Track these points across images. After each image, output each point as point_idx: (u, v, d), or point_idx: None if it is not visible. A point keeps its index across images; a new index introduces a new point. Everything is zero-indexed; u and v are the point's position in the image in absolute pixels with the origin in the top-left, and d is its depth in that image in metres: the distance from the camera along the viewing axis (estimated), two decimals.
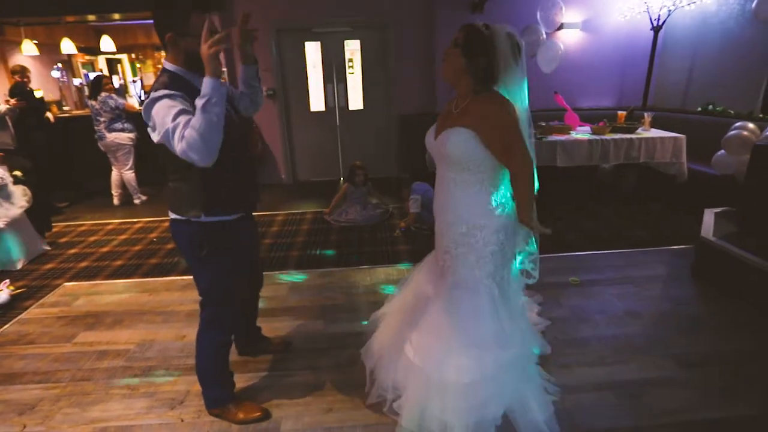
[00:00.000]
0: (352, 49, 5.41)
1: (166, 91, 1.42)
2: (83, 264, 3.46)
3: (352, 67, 5.46)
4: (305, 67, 5.39)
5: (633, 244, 3.47)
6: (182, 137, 1.36)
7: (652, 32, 5.03)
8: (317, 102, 5.57)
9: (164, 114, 1.40)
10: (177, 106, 1.41)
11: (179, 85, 1.48)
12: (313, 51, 5.36)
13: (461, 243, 1.65)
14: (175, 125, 1.37)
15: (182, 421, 1.88)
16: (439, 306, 1.71)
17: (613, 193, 4.85)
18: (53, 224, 4.20)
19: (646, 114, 4.66)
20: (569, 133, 4.46)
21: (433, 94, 5.41)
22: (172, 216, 1.65)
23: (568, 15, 5.35)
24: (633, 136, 4.35)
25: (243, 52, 1.71)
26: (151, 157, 1.77)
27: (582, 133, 4.52)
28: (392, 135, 5.62)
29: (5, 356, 2.36)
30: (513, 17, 5.00)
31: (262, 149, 5.53)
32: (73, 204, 4.99)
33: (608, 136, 4.33)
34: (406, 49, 5.36)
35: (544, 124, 4.56)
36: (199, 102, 1.36)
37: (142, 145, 4.70)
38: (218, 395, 1.87)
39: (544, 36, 4.60)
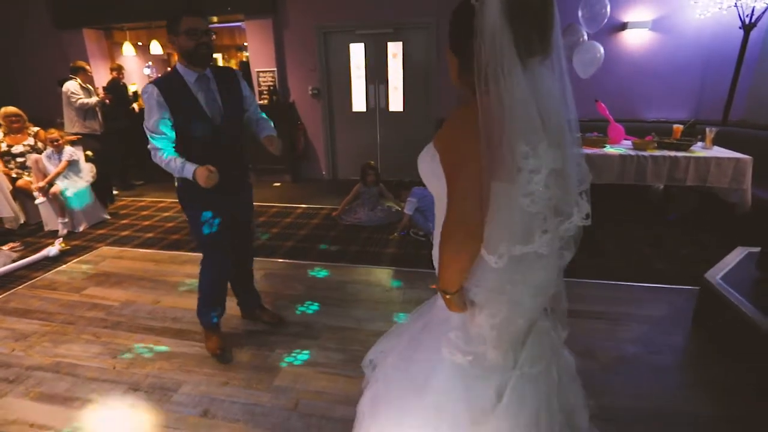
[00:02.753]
0: (395, 51, 5.51)
1: (149, 85, 1.92)
2: (124, 233, 4.14)
3: (394, 68, 5.56)
4: (349, 68, 5.64)
5: (644, 278, 3.04)
6: (151, 147, 1.96)
7: (741, 31, 4.28)
8: (359, 102, 5.79)
9: (147, 111, 1.94)
10: (152, 109, 1.91)
11: (171, 78, 1.95)
12: (356, 52, 5.58)
13: None
14: (150, 134, 1.94)
15: (114, 368, 2.23)
16: (399, 350, 1.22)
17: (660, 217, 4.26)
18: (124, 199, 5.06)
19: (708, 129, 4.00)
20: (603, 147, 4.03)
21: None
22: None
23: (635, 13, 4.80)
24: (682, 154, 3.77)
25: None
26: None
27: (619, 147, 4.05)
28: (430, 138, 5.59)
29: (31, 296, 3.00)
30: (566, 16, 4.63)
31: (304, 146, 5.93)
32: (147, 183, 5.90)
33: (648, 153, 3.82)
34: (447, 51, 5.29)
35: (577, 135, 4.17)
36: (169, 161, 1.93)
37: None
38: (202, 321, 2.32)
39: (585, 37, 4.19)
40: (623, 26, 4.83)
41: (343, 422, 1.84)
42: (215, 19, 5.75)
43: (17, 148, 4.27)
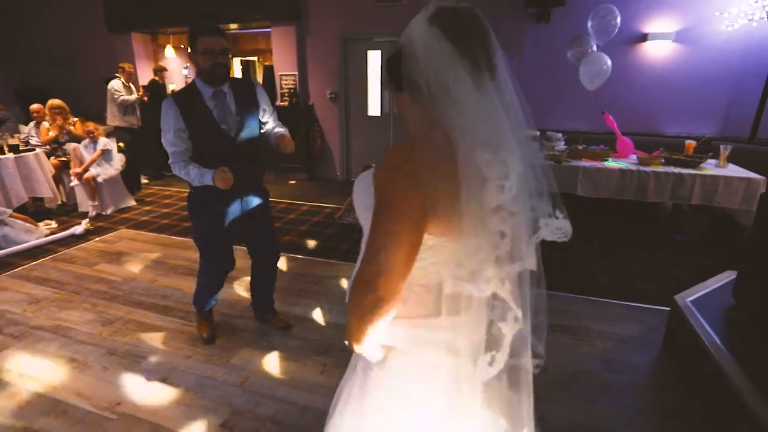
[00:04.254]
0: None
1: (168, 100, 1.99)
2: (144, 218, 4.54)
3: None
4: (366, 74, 5.82)
5: (626, 296, 2.97)
6: (171, 160, 2.04)
7: None
8: (374, 107, 5.95)
9: (164, 124, 2.00)
10: (169, 122, 1.96)
11: (189, 92, 2.02)
12: (374, 59, 5.76)
13: None
14: (168, 146, 2.01)
15: (101, 334, 2.52)
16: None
17: (667, 237, 4.08)
18: (152, 187, 5.51)
19: (722, 147, 3.81)
20: (605, 160, 3.94)
21: None
22: None
23: (657, 24, 4.66)
24: (688, 171, 3.63)
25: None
26: None
27: (622, 161, 3.94)
28: None
29: (51, 267, 3.39)
30: (583, 27, 4.57)
31: (320, 146, 6.17)
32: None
33: (651, 168, 3.70)
34: None
35: (581, 147, 4.12)
36: (188, 170, 2.00)
37: None
38: (197, 308, 2.49)
39: (594, 48, 4.12)
40: (644, 37, 4.69)
41: (282, 402, 1.99)
42: (234, 26, 6.10)
43: (54, 133, 4.80)
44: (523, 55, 5.00)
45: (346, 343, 0.91)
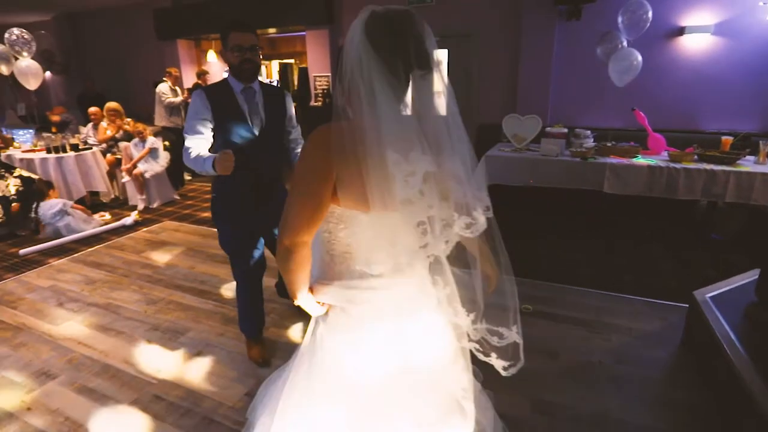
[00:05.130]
0: (439, 58, 5.70)
1: (197, 90, 2.00)
2: (186, 211, 4.88)
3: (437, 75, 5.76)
4: None
5: (648, 293, 2.93)
6: (184, 148, 1.95)
7: None
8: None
9: (190, 113, 1.98)
10: (196, 110, 1.95)
11: (220, 85, 2.03)
12: None
13: None
14: (187, 135, 1.97)
15: (145, 312, 2.79)
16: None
17: (704, 235, 3.95)
18: (195, 183, 5.88)
19: (762, 143, 3.66)
20: (635, 157, 3.87)
21: (515, 105, 5.29)
22: None
23: (695, 17, 4.50)
24: (722, 167, 3.52)
25: None
26: None
27: (651, 158, 3.86)
28: (471, 143, 5.71)
29: (105, 253, 3.75)
30: (614, 23, 4.49)
31: None
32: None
33: (682, 165, 3.61)
34: (490, 60, 5.38)
35: (609, 144, 4.06)
36: (196, 158, 1.87)
37: None
38: (243, 330, 2.35)
39: (624, 44, 4.05)
40: (681, 31, 4.55)
41: None
42: (272, 30, 6.38)
43: (110, 132, 5.25)
44: (553, 54, 4.97)
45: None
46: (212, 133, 2.00)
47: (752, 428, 1.66)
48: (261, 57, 2.06)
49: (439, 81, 0.97)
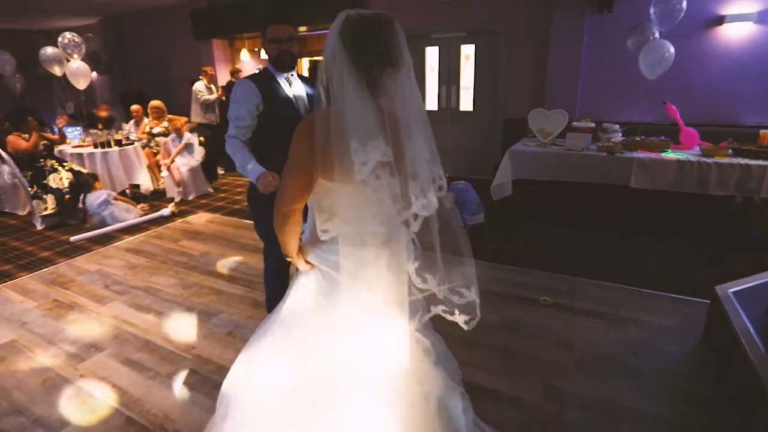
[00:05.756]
0: (467, 53, 5.72)
1: (242, 79, 2.02)
2: (219, 204, 5.13)
3: (466, 69, 5.78)
4: (424, 70, 6.00)
5: (674, 289, 2.90)
6: (228, 135, 1.99)
7: None
8: (431, 102, 6.11)
9: (237, 101, 1.98)
10: (245, 98, 1.94)
11: (263, 76, 2.03)
12: (431, 55, 5.92)
13: None
14: (232, 122, 1.97)
15: (181, 295, 3.00)
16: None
17: (738, 232, 3.83)
18: (228, 177, 6.15)
19: None
20: (664, 151, 3.79)
21: (542, 99, 5.24)
22: None
23: (735, 5, 4.33)
24: (758, 162, 3.41)
25: None
26: None
27: (682, 153, 3.77)
28: (497, 138, 5.70)
29: (145, 241, 4.01)
30: (647, 14, 4.38)
31: None
32: None
33: (714, 159, 3.52)
34: (517, 54, 5.34)
35: (638, 138, 3.99)
36: (243, 155, 1.91)
37: None
38: (269, 311, 2.36)
39: (657, 35, 3.95)
40: (719, 20, 4.39)
41: None
42: (302, 28, 6.54)
43: (156, 130, 5.56)
44: (582, 48, 4.90)
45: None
46: (256, 122, 1.99)
47: (764, 423, 1.66)
48: (298, 48, 2.07)
49: (408, 78, 1.12)
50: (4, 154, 4.61)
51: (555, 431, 1.81)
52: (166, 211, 4.67)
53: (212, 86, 6.41)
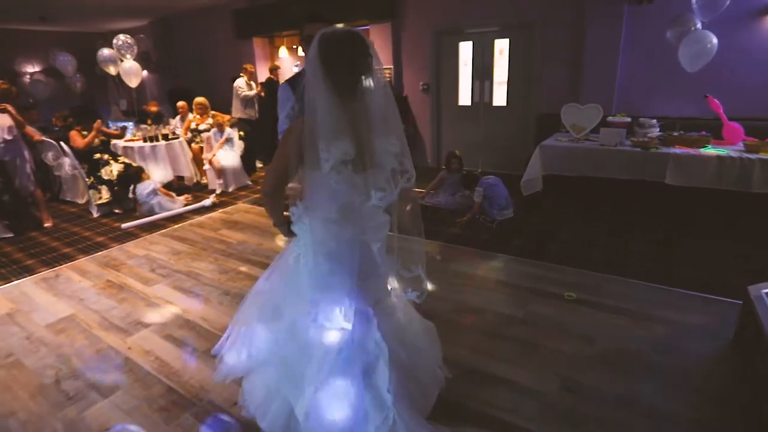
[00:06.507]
0: (501, 47, 5.66)
1: (283, 84, 2.23)
2: (256, 195, 5.37)
3: (499, 64, 5.73)
4: (457, 65, 6.00)
5: (706, 289, 2.81)
6: (281, 130, 2.19)
7: None
8: (465, 97, 6.10)
9: (280, 102, 2.21)
10: (284, 100, 2.17)
11: (300, 74, 2.16)
12: (465, 50, 5.90)
13: None
14: (281, 120, 2.21)
15: (219, 280, 3.22)
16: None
17: None
18: (265, 170, 6.41)
19: None
20: (704, 147, 3.65)
21: (577, 95, 5.13)
22: None
23: None
24: None
25: None
26: None
27: (723, 148, 3.61)
28: (530, 133, 5.63)
29: (188, 230, 4.29)
30: (688, 5, 4.20)
31: (412, 135, 6.51)
32: None
33: (758, 156, 3.36)
34: (552, 48, 5.24)
35: (676, 134, 3.86)
36: None
37: None
38: None
39: (698, 26, 3.78)
40: (766, 9, 4.14)
41: None
42: (339, 26, 6.67)
43: (202, 126, 5.88)
44: (621, 40, 4.75)
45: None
46: None
47: None
48: None
49: (377, 84, 1.35)
50: (66, 148, 5.04)
51: (569, 422, 1.84)
52: (207, 201, 4.96)
53: (252, 83, 6.68)
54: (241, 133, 5.84)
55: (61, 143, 5.19)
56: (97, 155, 4.93)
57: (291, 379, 1.57)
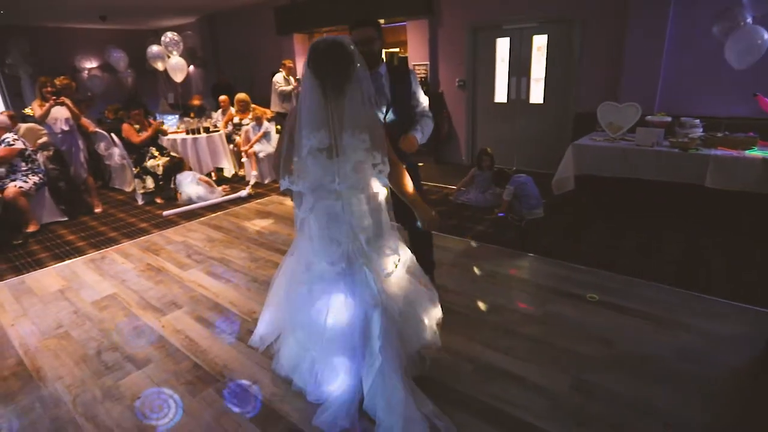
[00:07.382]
0: (539, 44, 5.53)
1: None
2: None
3: (537, 61, 5.60)
4: (494, 62, 5.92)
5: (739, 297, 2.67)
6: None
7: None
8: (501, 94, 6.01)
9: None
10: None
11: None
12: (502, 46, 5.80)
13: None
14: None
15: (249, 267, 3.37)
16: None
17: None
18: None
19: None
20: (751, 149, 3.44)
21: (617, 92, 4.95)
22: None
23: None
24: None
25: None
26: None
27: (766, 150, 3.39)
28: (567, 131, 5.48)
29: (224, 219, 4.51)
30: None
31: (447, 131, 6.49)
32: None
33: None
34: (592, 45, 5.07)
35: (720, 134, 3.66)
36: None
37: None
38: None
39: (749, 20, 3.55)
40: None
41: None
42: (381, 21, 6.73)
43: (244, 122, 6.12)
44: (666, 36, 4.53)
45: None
46: None
47: None
48: (380, 45, 2.23)
49: (357, 87, 1.57)
50: (116, 138, 5.40)
51: (576, 421, 1.83)
52: (243, 192, 5.18)
53: (290, 78, 6.87)
54: (278, 126, 6.03)
55: (112, 134, 5.56)
56: (144, 148, 5.25)
57: (312, 339, 1.84)
